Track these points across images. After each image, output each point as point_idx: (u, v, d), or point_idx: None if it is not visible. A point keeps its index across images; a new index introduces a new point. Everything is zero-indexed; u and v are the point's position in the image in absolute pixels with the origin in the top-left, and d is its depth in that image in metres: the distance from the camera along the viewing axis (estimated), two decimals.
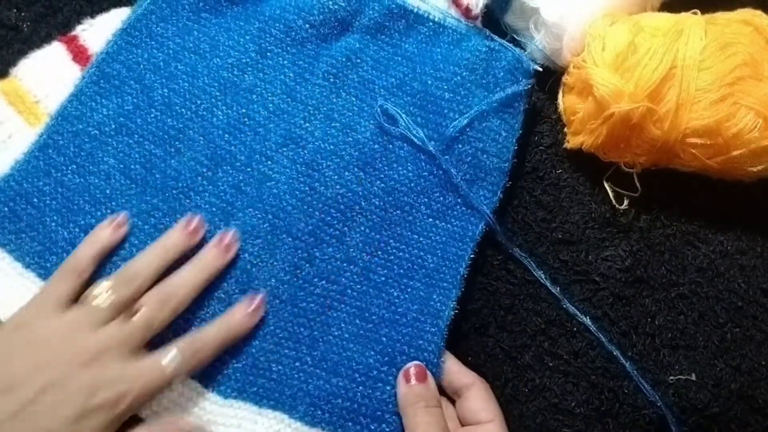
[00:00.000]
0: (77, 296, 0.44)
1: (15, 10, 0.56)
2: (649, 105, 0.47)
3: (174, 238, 0.47)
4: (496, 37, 0.53)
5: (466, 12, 0.54)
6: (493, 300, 0.52)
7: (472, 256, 0.50)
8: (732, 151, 0.47)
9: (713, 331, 0.51)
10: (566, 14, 0.52)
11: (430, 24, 0.53)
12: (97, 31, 0.54)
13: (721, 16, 0.50)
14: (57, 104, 0.52)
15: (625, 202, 0.53)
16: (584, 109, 0.50)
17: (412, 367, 0.47)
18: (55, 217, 0.48)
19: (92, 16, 0.55)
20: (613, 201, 0.53)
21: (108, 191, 0.49)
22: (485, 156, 0.51)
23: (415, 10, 0.53)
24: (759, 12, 0.50)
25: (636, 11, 0.53)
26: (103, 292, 0.44)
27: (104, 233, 0.47)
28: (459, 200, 0.51)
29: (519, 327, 0.51)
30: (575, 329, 0.51)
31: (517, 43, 0.56)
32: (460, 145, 0.51)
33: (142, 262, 0.45)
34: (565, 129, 0.54)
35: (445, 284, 0.49)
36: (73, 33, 0.54)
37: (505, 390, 0.49)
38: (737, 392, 0.49)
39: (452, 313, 0.48)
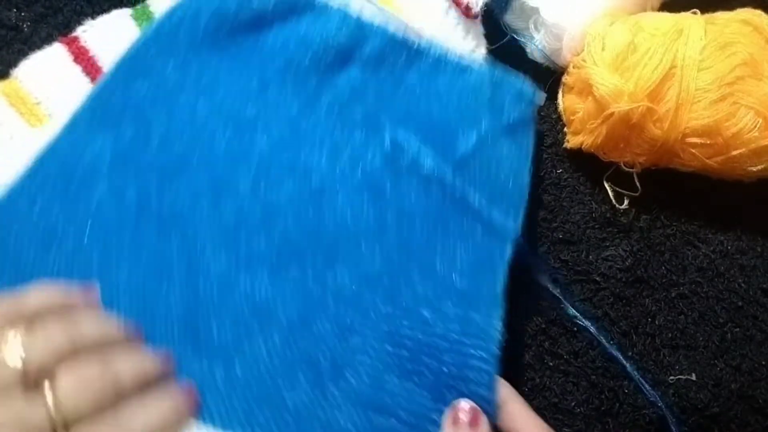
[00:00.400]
0: None
1: (15, 10, 0.56)
2: (648, 105, 0.47)
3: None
4: (497, 66, 0.53)
5: (466, 11, 0.54)
6: None
7: (507, 279, 0.46)
8: (732, 150, 0.47)
9: (713, 331, 0.51)
10: (566, 14, 0.52)
11: (432, 58, 0.53)
12: (99, 32, 0.54)
13: (720, 16, 0.50)
14: (58, 106, 0.52)
15: (626, 202, 0.53)
16: (584, 109, 0.50)
17: (462, 408, 0.39)
18: (36, 246, 0.45)
19: (93, 17, 0.55)
20: (613, 201, 0.53)
21: (100, 221, 0.46)
22: (501, 176, 0.49)
23: (416, 45, 0.52)
24: (759, 12, 0.49)
25: (636, 11, 0.53)
26: (12, 344, 0.32)
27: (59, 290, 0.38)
28: (479, 223, 0.48)
29: (519, 326, 0.51)
30: (575, 329, 0.51)
31: (517, 43, 0.56)
32: (471, 167, 0.49)
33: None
34: (565, 129, 0.54)
35: (481, 302, 0.45)
36: (74, 34, 0.54)
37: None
38: (737, 392, 0.49)
39: (500, 335, 0.43)
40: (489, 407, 0.40)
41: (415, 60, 0.53)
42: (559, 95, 0.55)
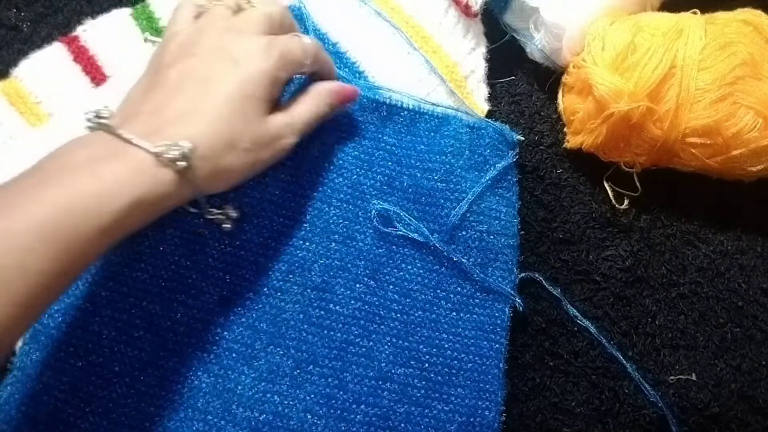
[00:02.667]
0: None
1: (15, 10, 0.56)
2: (648, 104, 0.47)
3: None
4: (471, 111, 0.52)
5: (465, 9, 0.54)
6: None
7: (507, 345, 0.48)
8: (732, 150, 0.47)
9: (713, 331, 0.51)
10: (566, 14, 0.52)
11: (405, 113, 0.51)
12: (98, 32, 0.54)
13: (720, 16, 0.50)
14: (58, 105, 0.52)
15: (626, 202, 0.53)
16: (584, 109, 0.50)
17: None
18: None
19: (93, 17, 0.55)
20: (613, 201, 0.53)
21: (106, 342, 0.45)
22: (491, 237, 0.49)
23: (388, 101, 0.51)
24: (759, 12, 0.50)
25: (636, 11, 0.53)
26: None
27: None
28: (477, 287, 0.49)
29: (520, 326, 0.51)
30: (576, 329, 0.51)
31: (517, 43, 0.56)
32: (463, 232, 0.49)
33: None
34: (565, 129, 0.54)
35: (488, 386, 0.47)
36: (74, 33, 0.54)
37: (505, 389, 0.49)
38: (737, 392, 0.49)
39: (502, 419, 0.47)
40: None
41: (389, 118, 0.51)
42: (559, 95, 0.55)
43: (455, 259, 0.48)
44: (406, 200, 0.50)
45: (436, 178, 0.50)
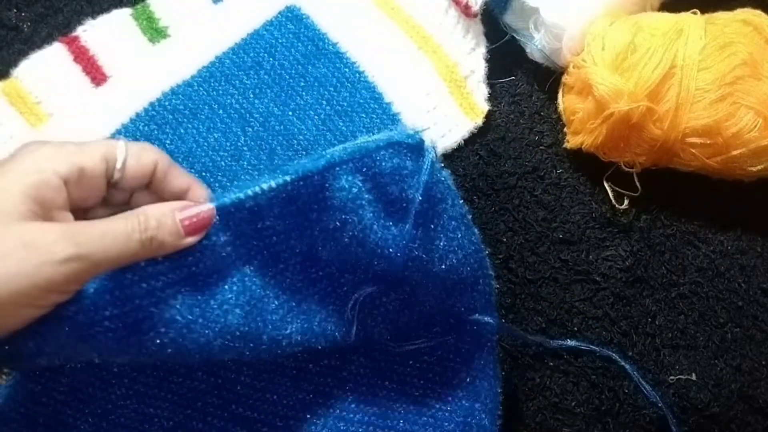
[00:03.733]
0: None
1: (15, 11, 0.56)
2: (648, 104, 0.47)
3: None
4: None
5: (465, 9, 0.54)
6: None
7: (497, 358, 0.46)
8: (731, 150, 0.47)
9: (713, 331, 0.51)
10: (566, 14, 0.52)
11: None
12: (98, 32, 0.54)
13: (720, 16, 0.50)
14: (58, 105, 0.52)
15: (625, 202, 0.53)
16: (584, 109, 0.50)
17: None
18: None
19: (93, 17, 0.55)
20: (613, 201, 0.53)
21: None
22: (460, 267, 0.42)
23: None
24: (759, 12, 0.50)
25: (635, 11, 0.53)
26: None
27: None
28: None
29: (520, 326, 0.51)
30: (576, 328, 0.51)
31: (517, 43, 0.56)
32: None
33: None
34: (565, 129, 0.54)
35: (483, 393, 0.46)
36: (74, 34, 0.54)
37: (505, 389, 0.49)
38: (737, 392, 0.49)
39: (499, 423, 0.46)
40: None
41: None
42: (559, 95, 0.55)
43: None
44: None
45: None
